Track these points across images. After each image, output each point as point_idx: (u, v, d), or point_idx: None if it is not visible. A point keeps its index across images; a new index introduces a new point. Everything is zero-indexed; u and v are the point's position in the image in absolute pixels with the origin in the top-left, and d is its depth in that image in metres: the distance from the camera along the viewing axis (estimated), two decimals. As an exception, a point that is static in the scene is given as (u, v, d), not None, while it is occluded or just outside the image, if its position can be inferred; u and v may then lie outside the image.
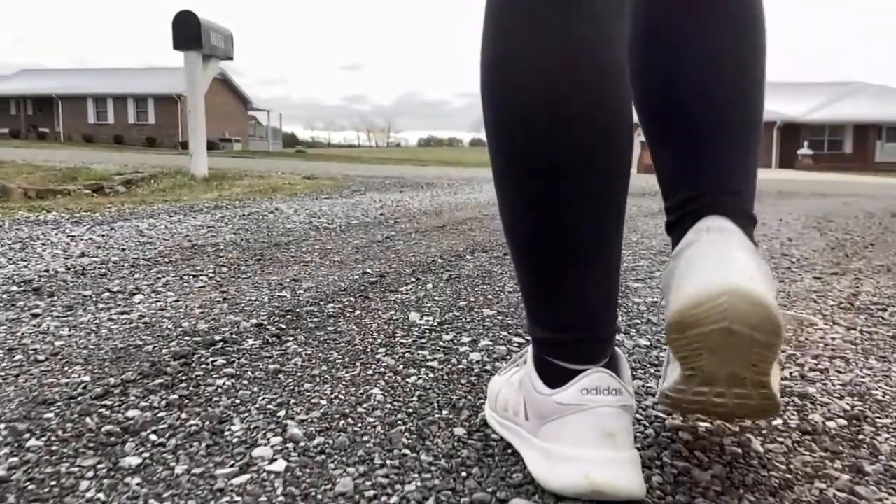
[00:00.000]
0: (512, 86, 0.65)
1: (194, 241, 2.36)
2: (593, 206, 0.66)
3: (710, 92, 0.74)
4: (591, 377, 0.65)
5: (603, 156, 0.65)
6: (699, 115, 0.75)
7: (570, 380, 0.65)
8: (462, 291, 1.65)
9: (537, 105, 0.64)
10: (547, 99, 0.64)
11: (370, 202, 4.18)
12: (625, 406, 0.65)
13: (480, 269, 1.96)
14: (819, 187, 9.12)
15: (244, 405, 0.88)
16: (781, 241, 2.94)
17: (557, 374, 0.67)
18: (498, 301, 1.54)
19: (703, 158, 0.75)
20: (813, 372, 1.10)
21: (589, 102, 0.64)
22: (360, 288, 1.65)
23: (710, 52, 0.74)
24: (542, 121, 0.64)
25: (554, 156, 0.64)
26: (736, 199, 0.72)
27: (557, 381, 0.66)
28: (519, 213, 0.69)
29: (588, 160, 0.65)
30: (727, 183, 0.73)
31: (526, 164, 0.66)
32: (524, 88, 0.65)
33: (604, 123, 0.64)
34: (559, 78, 0.63)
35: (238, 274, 1.80)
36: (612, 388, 0.64)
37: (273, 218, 3.10)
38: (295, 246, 2.33)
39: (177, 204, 3.44)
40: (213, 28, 6.00)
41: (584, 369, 0.65)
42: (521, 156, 0.67)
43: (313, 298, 1.52)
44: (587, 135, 0.64)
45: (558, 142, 0.64)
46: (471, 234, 2.79)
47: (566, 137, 0.64)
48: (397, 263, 2.03)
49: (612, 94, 0.65)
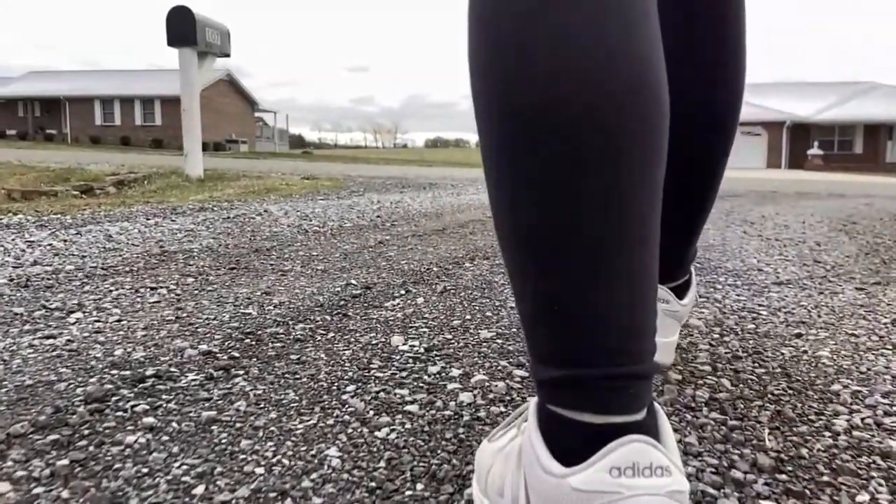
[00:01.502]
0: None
1: (166, 246, 2.14)
2: (627, 176, 0.45)
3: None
4: (624, 449, 0.43)
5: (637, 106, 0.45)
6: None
7: (595, 451, 0.43)
8: (457, 307, 1.42)
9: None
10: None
11: (367, 203, 3.97)
12: (674, 493, 0.43)
13: (480, 280, 1.73)
14: (834, 188, 8.86)
15: (152, 476, 0.66)
16: (809, 245, 2.70)
17: (574, 439, 0.45)
18: (498, 319, 1.32)
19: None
20: (891, 418, 0.88)
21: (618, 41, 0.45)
22: (339, 303, 1.43)
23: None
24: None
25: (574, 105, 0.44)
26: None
27: (574, 451, 0.44)
28: (518, 189, 0.47)
29: (622, 109, 0.44)
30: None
31: (535, 113, 0.44)
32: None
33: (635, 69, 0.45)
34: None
35: (203, 286, 1.58)
36: (658, 464, 0.43)
37: (260, 221, 2.89)
38: (277, 252, 2.12)
39: (160, 206, 3.23)
40: (208, 24, 5.80)
41: (611, 429, 0.44)
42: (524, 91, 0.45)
43: (282, 317, 1.30)
44: (621, 73, 0.44)
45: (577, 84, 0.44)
46: (472, 238, 2.57)
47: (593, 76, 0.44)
48: (387, 273, 1.81)
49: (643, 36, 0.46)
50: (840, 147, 29.92)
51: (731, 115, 0.91)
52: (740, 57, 0.88)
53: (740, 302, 1.58)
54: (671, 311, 0.97)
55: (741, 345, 1.20)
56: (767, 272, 2.02)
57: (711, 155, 0.92)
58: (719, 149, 0.92)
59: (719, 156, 0.93)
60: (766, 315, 1.45)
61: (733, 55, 0.88)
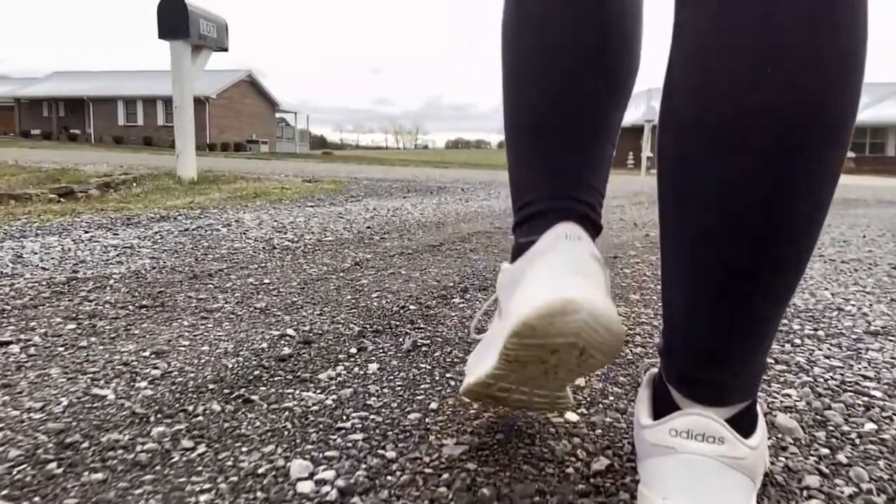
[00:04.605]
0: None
1: (81, 271, 1.71)
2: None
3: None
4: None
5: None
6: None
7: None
8: (422, 382, 0.96)
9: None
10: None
11: (361, 211, 3.52)
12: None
13: (469, 329, 1.27)
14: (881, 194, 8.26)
15: None
16: (884, 269, 2.19)
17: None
18: (478, 414, 0.86)
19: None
20: None
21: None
22: (252, 374, 0.98)
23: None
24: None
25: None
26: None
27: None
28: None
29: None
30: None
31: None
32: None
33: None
34: None
35: (78, 339, 1.14)
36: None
37: (223, 234, 2.45)
38: (220, 278, 1.67)
39: (116, 214, 2.80)
40: (203, 15, 5.40)
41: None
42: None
43: (147, 406, 0.85)
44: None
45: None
46: (471, 257, 2.11)
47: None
48: (346, 314, 1.36)
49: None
50: (872, 150, 29.06)
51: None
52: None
53: (835, 370, 1.10)
54: (734, 457, 0.54)
55: (868, 472, 0.73)
56: (851, 313, 1.54)
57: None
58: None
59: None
60: (881, 397, 0.98)
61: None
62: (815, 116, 0.48)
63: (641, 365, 1.08)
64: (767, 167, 0.49)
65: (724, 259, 0.52)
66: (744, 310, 0.54)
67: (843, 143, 0.50)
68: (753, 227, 0.50)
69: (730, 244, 0.52)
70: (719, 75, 0.50)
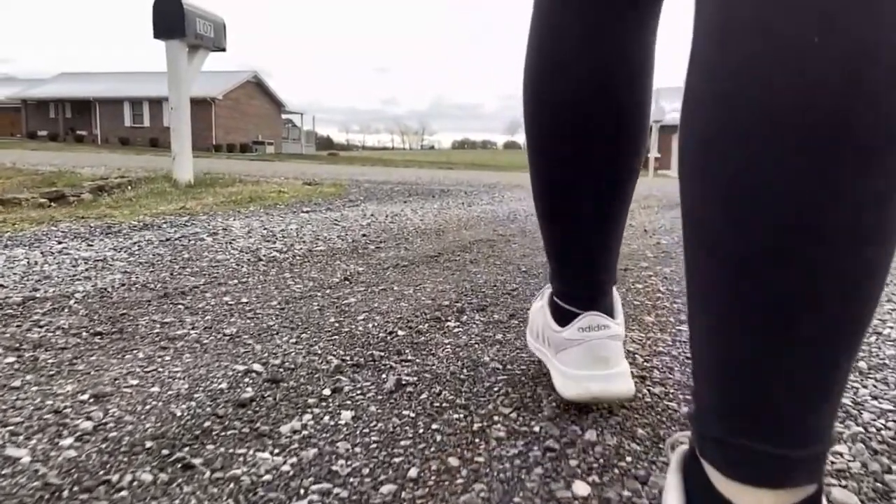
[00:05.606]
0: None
1: (42, 288, 1.56)
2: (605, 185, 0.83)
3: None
4: (586, 318, 0.84)
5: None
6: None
7: (572, 321, 0.85)
8: (405, 435, 0.81)
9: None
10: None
11: (358, 217, 3.36)
12: (612, 336, 0.84)
13: (463, 360, 1.12)
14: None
15: None
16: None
17: (565, 315, 0.87)
18: (476, 478, 0.70)
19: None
20: None
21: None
22: (199, 428, 0.83)
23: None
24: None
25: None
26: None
27: (565, 320, 0.87)
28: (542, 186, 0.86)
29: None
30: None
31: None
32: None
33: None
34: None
35: (8, 378, 0.98)
36: (602, 324, 0.84)
37: (207, 243, 2.30)
38: (193, 297, 1.52)
39: (96, 222, 2.65)
40: (199, 14, 5.27)
41: (579, 313, 0.85)
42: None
43: (57, 480, 0.70)
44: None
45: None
46: (472, 270, 1.95)
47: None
48: (325, 342, 1.20)
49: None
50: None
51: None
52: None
53: (886, 416, 0.94)
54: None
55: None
56: (891, 338, 1.37)
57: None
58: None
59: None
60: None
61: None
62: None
63: (663, 415, 0.92)
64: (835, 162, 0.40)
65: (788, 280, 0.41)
66: (818, 345, 0.42)
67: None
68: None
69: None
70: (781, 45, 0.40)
